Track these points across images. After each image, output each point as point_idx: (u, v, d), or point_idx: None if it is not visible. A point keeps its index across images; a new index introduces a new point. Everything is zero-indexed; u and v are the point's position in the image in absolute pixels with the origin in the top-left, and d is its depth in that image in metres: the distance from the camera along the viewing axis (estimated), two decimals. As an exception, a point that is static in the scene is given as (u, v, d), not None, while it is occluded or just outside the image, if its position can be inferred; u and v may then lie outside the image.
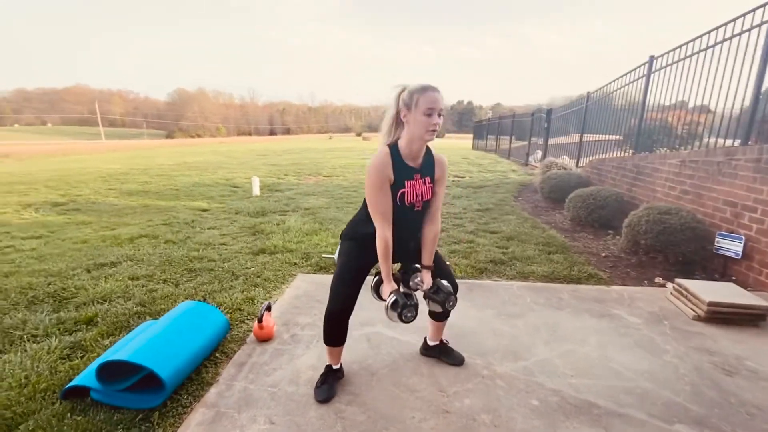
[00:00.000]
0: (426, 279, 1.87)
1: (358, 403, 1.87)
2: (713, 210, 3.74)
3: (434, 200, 1.84)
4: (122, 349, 1.85)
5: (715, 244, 3.54)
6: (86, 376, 1.80)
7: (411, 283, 1.89)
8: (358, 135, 68.23)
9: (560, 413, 1.82)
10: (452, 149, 21.94)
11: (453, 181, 9.03)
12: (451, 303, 1.81)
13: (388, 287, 1.74)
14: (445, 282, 1.84)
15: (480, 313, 2.77)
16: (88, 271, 3.43)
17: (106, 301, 2.82)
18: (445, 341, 2.25)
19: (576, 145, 8.40)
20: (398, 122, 1.71)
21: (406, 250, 1.90)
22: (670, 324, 2.66)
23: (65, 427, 1.61)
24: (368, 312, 2.71)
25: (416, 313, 1.69)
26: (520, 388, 1.98)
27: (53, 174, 11.07)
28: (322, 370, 1.99)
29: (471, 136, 25.82)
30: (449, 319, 2.17)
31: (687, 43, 4.64)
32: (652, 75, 5.42)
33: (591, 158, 7.20)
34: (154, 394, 1.79)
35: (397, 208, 1.72)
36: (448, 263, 3.62)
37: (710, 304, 2.65)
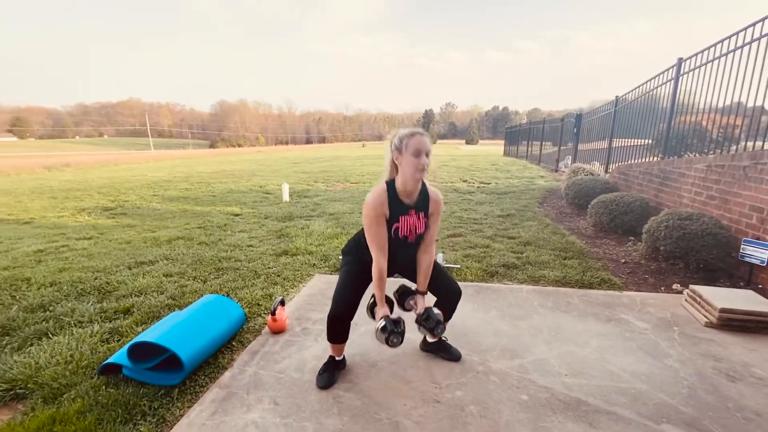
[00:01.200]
0: (419, 304, 2.04)
1: (355, 390, 2.02)
2: (739, 216, 3.62)
3: (428, 233, 2.02)
4: (150, 333, 2.10)
5: (741, 251, 3.42)
6: (119, 356, 2.06)
7: (405, 304, 2.13)
8: (391, 142, 68.55)
9: (548, 408, 1.88)
10: (482, 155, 21.76)
11: (478, 187, 9.04)
12: (439, 330, 1.97)
13: (381, 311, 1.92)
14: (435, 310, 2.01)
15: (484, 314, 2.85)
16: (129, 269, 3.79)
17: (142, 294, 3.13)
18: (443, 338, 2.36)
19: (606, 150, 8.20)
20: (394, 165, 1.90)
21: (402, 266, 2.12)
22: (679, 330, 2.63)
23: (100, 398, 1.87)
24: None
25: (402, 339, 1.88)
26: (512, 384, 2.06)
27: (106, 182, 12.03)
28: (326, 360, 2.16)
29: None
30: (452, 318, 2.28)
31: (715, 45, 4.51)
32: (680, 78, 5.27)
33: (619, 164, 7.03)
34: (175, 373, 2.02)
35: (391, 240, 1.91)
36: (458, 265, 3.73)
37: (722, 310, 2.60)
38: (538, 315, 2.84)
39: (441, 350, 2.32)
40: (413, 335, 2.52)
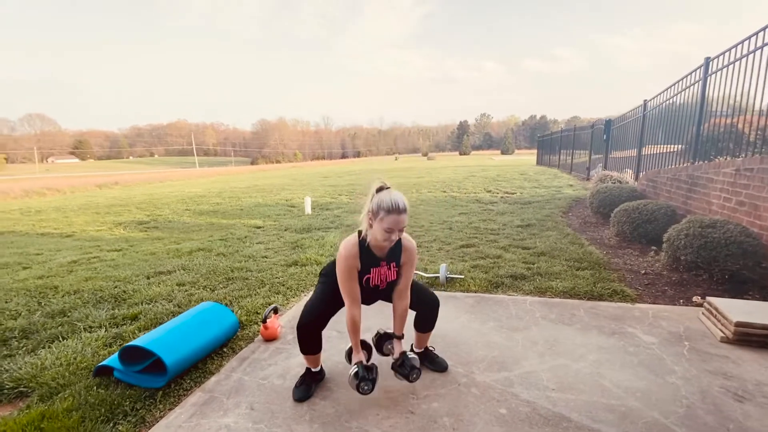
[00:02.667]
0: (396, 348, 2.06)
1: (331, 398, 2.02)
2: (770, 223, 3.33)
3: (400, 281, 2.03)
4: (142, 338, 2.21)
5: (772, 260, 3.14)
6: (112, 359, 2.18)
7: (384, 348, 2.16)
8: (425, 155, 68.79)
9: (526, 423, 1.80)
10: (513, 165, 21.30)
11: (501, 197, 8.84)
12: (414, 377, 1.97)
13: (356, 357, 1.95)
14: (411, 355, 2.03)
15: (480, 326, 2.77)
16: (147, 278, 4.00)
17: (152, 302, 3.30)
18: (431, 348, 2.32)
19: (636, 157, 7.81)
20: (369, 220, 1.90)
21: (380, 296, 2.14)
22: (690, 345, 2.44)
23: (90, 398, 1.98)
24: (370, 320, 2.85)
25: (373, 387, 1.89)
26: (493, 397, 1.99)
27: (145, 198, 12.81)
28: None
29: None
30: (445, 327, 2.24)
31: (743, 42, 4.24)
32: (708, 78, 4.98)
33: (647, 170, 6.67)
34: (162, 376, 2.11)
35: (363, 288, 1.96)
36: (461, 275, 3.64)
37: (738, 324, 2.39)
38: (537, 327, 2.73)
39: (428, 360, 2.28)
40: (406, 345, 2.50)
